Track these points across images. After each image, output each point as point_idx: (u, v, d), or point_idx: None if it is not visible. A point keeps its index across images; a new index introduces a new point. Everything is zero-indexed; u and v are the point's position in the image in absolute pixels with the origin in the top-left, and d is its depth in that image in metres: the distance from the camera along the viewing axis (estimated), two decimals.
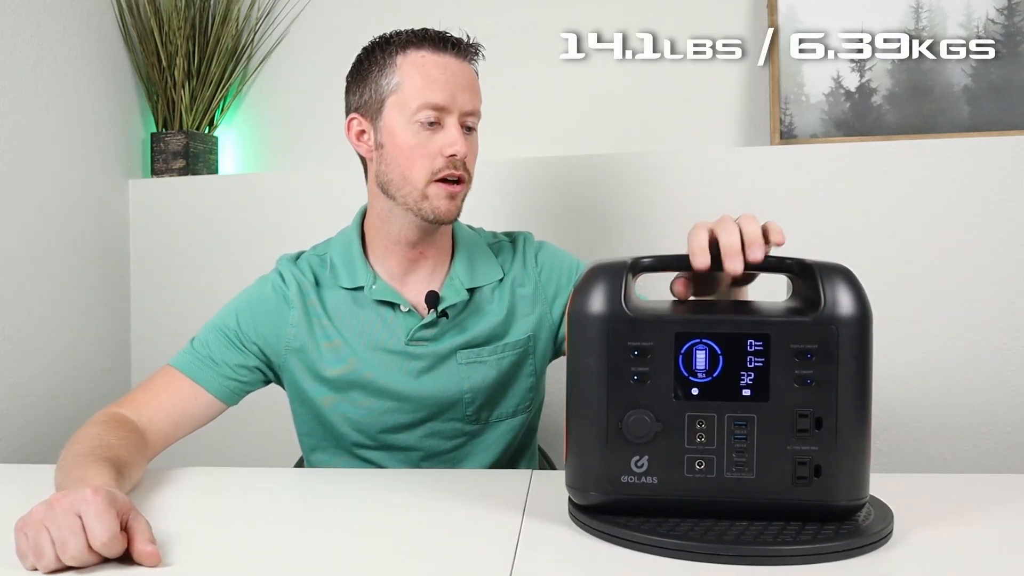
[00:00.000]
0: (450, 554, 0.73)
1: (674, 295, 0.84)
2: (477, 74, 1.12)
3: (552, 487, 0.92)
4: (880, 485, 0.86)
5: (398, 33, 1.09)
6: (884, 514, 0.77)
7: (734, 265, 0.76)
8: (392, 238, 1.11)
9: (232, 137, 1.92)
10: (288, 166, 1.88)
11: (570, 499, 0.81)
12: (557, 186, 1.65)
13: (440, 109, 1.05)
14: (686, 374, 0.74)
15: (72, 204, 1.64)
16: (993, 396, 1.50)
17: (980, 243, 1.49)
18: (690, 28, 1.70)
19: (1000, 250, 1.48)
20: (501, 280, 1.16)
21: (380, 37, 1.10)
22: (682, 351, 0.74)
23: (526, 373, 1.17)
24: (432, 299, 1.10)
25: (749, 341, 0.73)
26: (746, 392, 0.73)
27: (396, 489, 0.93)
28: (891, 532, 0.74)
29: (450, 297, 1.12)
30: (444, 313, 1.11)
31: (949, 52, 1.55)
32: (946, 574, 0.68)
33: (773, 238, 0.80)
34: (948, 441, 1.52)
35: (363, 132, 1.11)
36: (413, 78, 1.05)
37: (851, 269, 0.75)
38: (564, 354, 1.21)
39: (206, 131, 1.86)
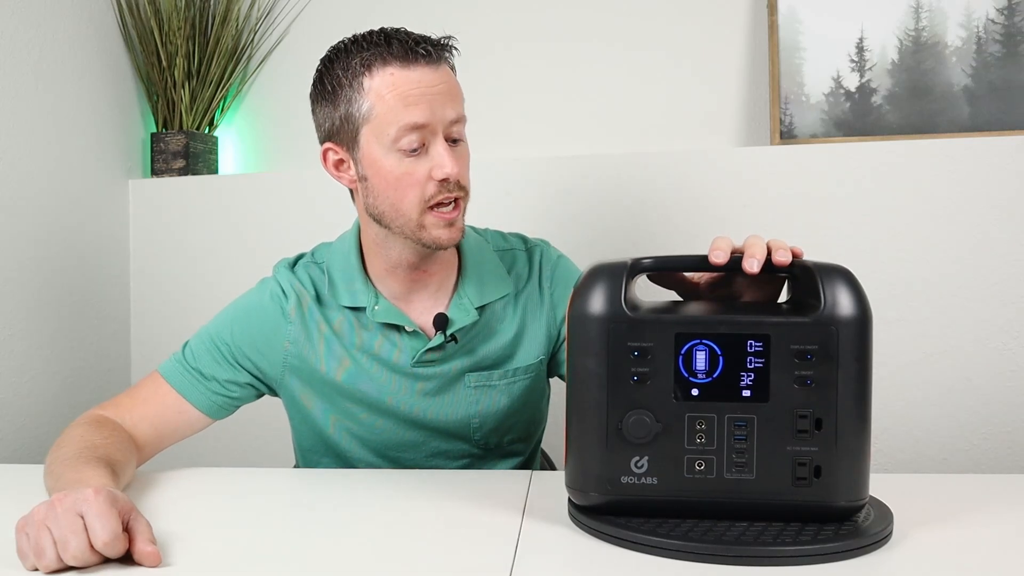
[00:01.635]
0: (450, 554, 0.73)
1: (689, 280, 0.85)
2: (454, 69, 1.02)
3: (552, 487, 0.92)
4: (880, 485, 0.86)
5: (358, 47, 0.97)
6: (884, 514, 0.77)
7: (750, 265, 0.75)
8: (392, 262, 1.04)
9: (232, 137, 1.92)
10: (288, 166, 1.88)
11: (570, 499, 0.81)
12: (556, 186, 1.65)
13: (422, 128, 0.95)
14: (686, 375, 0.74)
15: (72, 204, 1.64)
16: (993, 396, 1.50)
17: (980, 243, 1.49)
18: (690, 28, 1.70)
19: (1000, 250, 1.48)
20: (514, 294, 1.10)
21: (337, 49, 0.99)
22: (682, 351, 0.74)
23: (536, 398, 1.13)
24: (441, 322, 1.04)
25: (749, 342, 0.73)
26: (746, 393, 0.73)
27: (396, 490, 0.93)
28: (891, 532, 0.74)
29: (459, 319, 1.05)
30: (453, 337, 1.04)
31: (949, 52, 1.55)
32: (946, 574, 0.68)
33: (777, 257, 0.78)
34: (948, 441, 1.52)
35: (341, 161, 1.02)
36: (386, 101, 0.95)
37: (850, 270, 0.75)
38: (558, 375, 1.16)
39: (206, 131, 1.86)
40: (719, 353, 0.73)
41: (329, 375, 1.07)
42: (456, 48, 1.01)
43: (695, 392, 0.74)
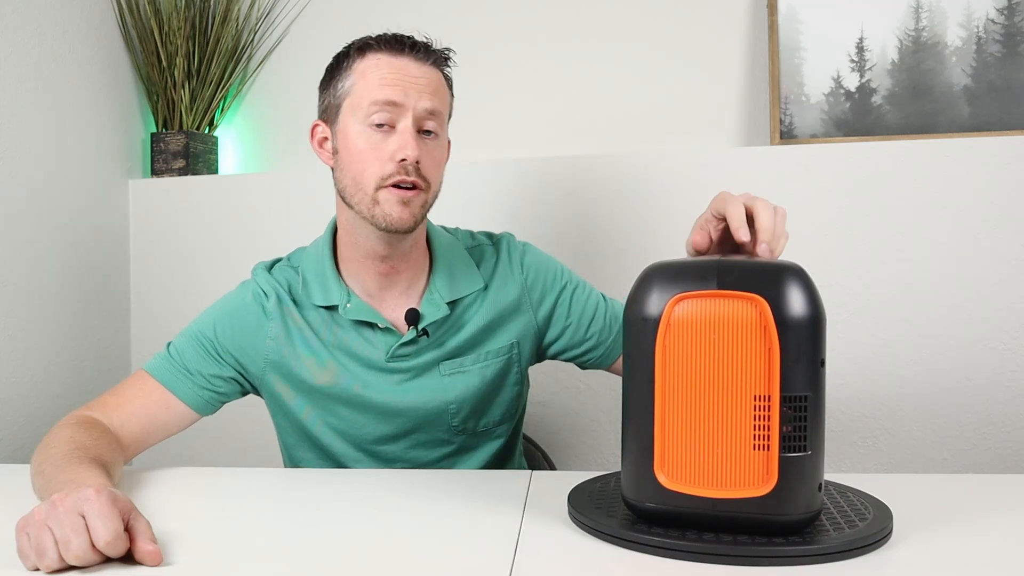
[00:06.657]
0: (450, 554, 0.74)
1: (694, 248, 0.85)
2: (448, 80, 1.08)
3: (552, 487, 0.92)
4: (880, 485, 0.86)
5: (361, 39, 1.05)
6: (884, 514, 0.77)
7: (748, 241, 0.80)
8: (361, 251, 1.07)
9: (232, 137, 1.92)
10: (288, 166, 1.88)
11: (569, 499, 0.82)
12: (557, 187, 1.65)
13: (392, 105, 1.00)
14: None
15: (72, 204, 1.64)
16: (993, 396, 1.50)
17: (980, 243, 1.49)
18: (690, 28, 1.70)
19: (1000, 250, 1.48)
20: (483, 288, 1.13)
21: (346, 45, 1.07)
22: None
23: (512, 382, 1.15)
24: (412, 317, 1.07)
25: None
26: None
27: (396, 489, 0.94)
28: (891, 532, 0.74)
29: (430, 314, 1.08)
30: (425, 331, 1.08)
31: (949, 52, 1.55)
32: (946, 574, 0.68)
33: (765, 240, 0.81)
34: (948, 441, 1.52)
35: (325, 139, 1.08)
36: (366, 79, 1.02)
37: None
38: (547, 358, 1.19)
39: (206, 131, 1.86)
40: None
41: (307, 372, 1.10)
42: (450, 59, 1.07)
43: None
